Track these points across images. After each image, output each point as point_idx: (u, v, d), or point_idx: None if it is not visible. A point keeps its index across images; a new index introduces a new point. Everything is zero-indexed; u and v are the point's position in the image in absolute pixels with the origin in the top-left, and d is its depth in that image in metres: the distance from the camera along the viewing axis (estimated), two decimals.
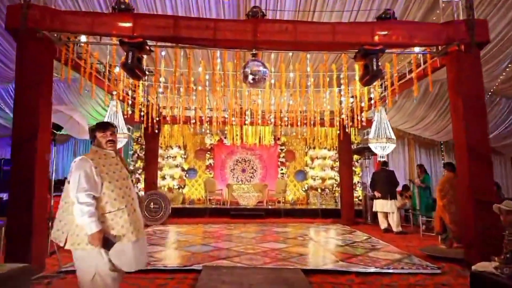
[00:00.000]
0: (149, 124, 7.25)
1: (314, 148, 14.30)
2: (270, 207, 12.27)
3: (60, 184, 13.51)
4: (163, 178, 13.77)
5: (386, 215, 8.18)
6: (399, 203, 8.46)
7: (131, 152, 13.80)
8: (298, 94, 6.42)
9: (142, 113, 7.98)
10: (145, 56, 4.61)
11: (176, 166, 13.93)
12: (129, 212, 2.46)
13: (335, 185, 14.05)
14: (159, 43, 4.71)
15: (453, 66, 4.56)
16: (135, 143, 13.75)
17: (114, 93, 6.51)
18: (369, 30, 4.42)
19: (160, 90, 6.76)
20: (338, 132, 9.68)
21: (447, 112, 11.55)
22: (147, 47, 4.25)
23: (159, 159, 13.75)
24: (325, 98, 7.86)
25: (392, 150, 10.62)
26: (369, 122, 8.78)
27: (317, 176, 14.13)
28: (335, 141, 13.02)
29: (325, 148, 14.14)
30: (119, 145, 6.97)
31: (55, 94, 11.24)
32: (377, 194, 8.26)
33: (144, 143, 13.55)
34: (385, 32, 4.46)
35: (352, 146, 14.19)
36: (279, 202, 13.01)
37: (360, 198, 13.82)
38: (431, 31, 4.50)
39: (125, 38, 4.15)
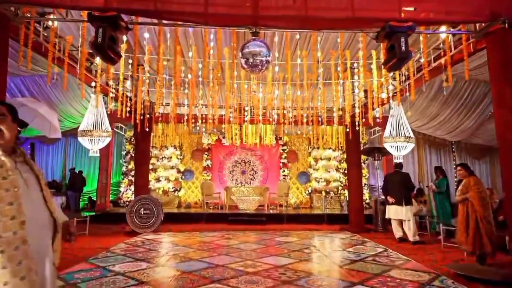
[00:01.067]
0: (137, 122, 6.44)
1: (318, 148, 13.50)
2: (271, 211, 11.45)
3: (50, 187, 12.72)
4: (158, 180, 12.98)
5: (400, 222, 7.36)
6: (414, 209, 7.64)
7: (123, 153, 13.00)
8: (306, 86, 5.60)
9: (129, 109, 7.16)
10: (124, 38, 3.80)
11: (172, 167, 13.13)
12: (9, 245, 1.53)
13: (340, 188, 13.24)
14: (139, 19, 3.90)
15: (497, 48, 3.75)
16: (127, 143, 12.95)
17: (93, 84, 5.69)
18: (396, 4, 3.61)
19: (147, 81, 5.93)
20: (347, 130, 8.84)
21: (462, 109, 10.74)
22: (123, 24, 3.43)
23: (153, 160, 12.98)
24: (335, 92, 7.09)
25: (385, 150, 9.84)
26: (383, 119, 8.00)
27: (321, 178, 13.32)
28: (341, 141, 12.27)
29: (329, 148, 13.34)
30: (101, 144, 6.15)
31: (40, 90, 10.52)
32: (390, 199, 7.44)
33: None
34: (414, 7, 3.64)
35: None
36: (281, 206, 12.20)
37: (368, 201, 13.03)
38: (472, 5, 3.68)
39: (95, 11, 3.34)
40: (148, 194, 8.67)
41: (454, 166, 13.59)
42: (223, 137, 12.96)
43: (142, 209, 8.37)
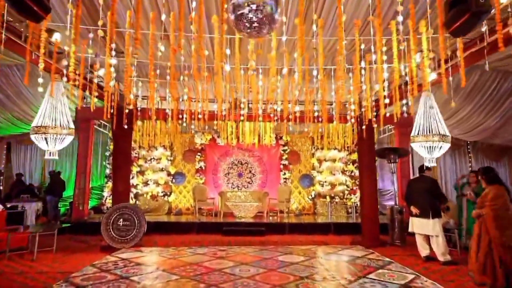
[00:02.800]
0: (109, 116, 5.22)
1: (322, 148, 12.29)
2: (271, 219, 10.24)
3: (26, 191, 11.45)
4: (146, 183, 11.75)
5: (427, 238, 6.18)
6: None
7: (107, 154, 11.75)
8: (321, 73, 4.38)
9: (102, 101, 5.93)
10: None
11: (161, 169, 11.90)
12: None
13: (346, 192, 12.05)
14: None
15: None
16: (112, 143, 11.68)
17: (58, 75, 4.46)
18: None
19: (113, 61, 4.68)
20: (358, 128, 7.64)
21: (485, 106, 9.58)
22: None
23: (141, 162, 11.77)
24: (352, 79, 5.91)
25: (402, 151, 8.67)
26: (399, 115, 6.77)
27: (325, 182, 12.13)
28: (347, 140, 11.09)
29: (334, 148, 12.15)
30: (59, 145, 4.90)
31: (8, 82, 9.26)
32: (414, 210, 6.25)
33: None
34: None
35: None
36: (282, 212, 10.99)
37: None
38: None
39: None
40: (128, 203, 7.43)
41: (470, 170, 12.46)
42: (218, 136, 11.75)
43: (121, 220, 7.14)
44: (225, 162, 12.08)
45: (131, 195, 11.48)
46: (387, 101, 4.91)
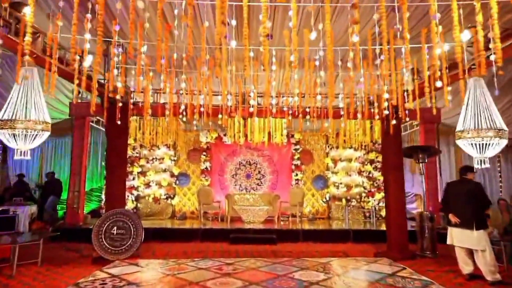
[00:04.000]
0: (94, 109, 4.39)
1: (336, 147, 11.37)
2: (282, 224, 9.35)
3: (21, 193, 10.70)
4: (148, 185, 10.96)
5: (470, 252, 5.23)
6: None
7: (105, 153, 10.97)
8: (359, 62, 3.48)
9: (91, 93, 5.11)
10: None
11: (164, 170, 11.10)
12: None
13: (364, 195, 11.11)
14: None
15: None
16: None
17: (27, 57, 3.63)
18: None
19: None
20: (384, 123, 6.71)
21: None
22: None
23: (143, 162, 10.99)
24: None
25: (432, 150, 7.71)
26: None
27: (341, 183, 11.20)
28: (366, 138, 10.16)
29: (350, 147, 11.21)
30: (31, 143, 4.07)
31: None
32: (453, 219, 5.30)
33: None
34: None
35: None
36: (294, 216, 10.10)
37: None
38: None
39: None
40: (123, 208, 6.62)
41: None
42: (224, 134, 10.90)
43: (115, 228, 6.34)
44: (232, 162, 11.23)
45: (132, 197, 10.73)
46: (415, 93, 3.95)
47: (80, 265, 5.84)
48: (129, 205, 10.65)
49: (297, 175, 11.11)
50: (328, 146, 11.44)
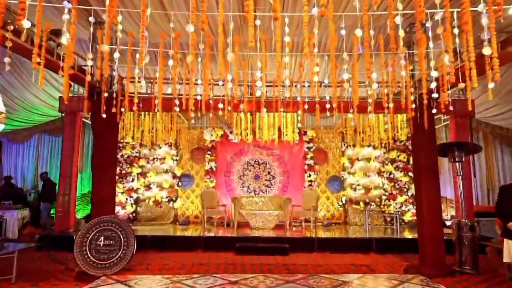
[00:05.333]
0: (66, 97, 3.53)
1: (353, 145, 10.36)
2: (295, 233, 8.38)
3: (11, 196, 9.94)
4: (148, 187, 10.14)
5: None
6: None
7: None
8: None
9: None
10: None
11: (166, 171, 10.27)
12: None
13: (384, 198, 10.09)
14: None
15: None
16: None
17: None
18: None
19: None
20: (416, 116, 5.69)
21: None
22: None
23: (143, 162, 10.18)
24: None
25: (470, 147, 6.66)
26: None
27: (358, 185, 10.20)
28: (388, 134, 9.14)
29: (369, 145, 10.21)
30: None
31: None
32: None
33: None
34: None
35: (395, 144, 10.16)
36: (307, 221, 9.13)
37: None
38: None
39: None
40: (112, 215, 5.75)
41: None
42: (231, 132, 10.00)
43: (102, 238, 5.48)
44: (239, 162, 10.33)
45: (131, 200, 9.92)
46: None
47: (61, 282, 4.99)
48: (128, 209, 9.86)
49: (310, 176, 10.14)
50: (344, 144, 10.44)
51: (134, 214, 9.93)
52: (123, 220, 5.69)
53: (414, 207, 9.84)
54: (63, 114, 7.77)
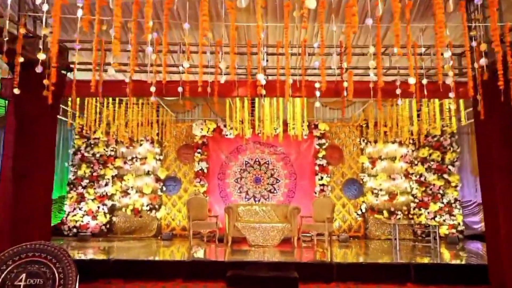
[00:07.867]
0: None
1: (375, 142, 8.53)
2: (306, 253, 6.57)
3: None
4: (126, 193, 8.39)
5: None
6: None
7: (71, 151, 8.45)
8: None
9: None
10: None
11: (147, 173, 8.52)
12: None
13: (413, 206, 8.26)
14: None
15: None
16: (77, 137, 8.39)
17: None
18: None
19: None
20: (481, 96, 3.87)
21: None
22: None
23: (119, 162, 8.46)
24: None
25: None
26: None
27: (381, 190, 8.38)
28: (418, 127, 7.31)
29: (393, 141, 8.38)
30: None
31: None
32: None
33: (93, 137, 8.24)
34: None
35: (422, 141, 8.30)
36: (320, 235, 7.26)
37: (461, 231, 8.06)
38: None
39: None
40: (41, 242, 3.94)
41: None
42: (225, 125, 8.21)
43: (23, 276, 3.70)
44: (236, 163, 8.54)
45: (104, 209, 8.18)
46: None
47: None
48: (101, 220, 8.11)
49: (322, 179, 8.31)
50: (363, 140, 8.60)
51: (108, 226, 8.20)
52: (59, 248, 3.92)
53: (452, 217, 8.05)
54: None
